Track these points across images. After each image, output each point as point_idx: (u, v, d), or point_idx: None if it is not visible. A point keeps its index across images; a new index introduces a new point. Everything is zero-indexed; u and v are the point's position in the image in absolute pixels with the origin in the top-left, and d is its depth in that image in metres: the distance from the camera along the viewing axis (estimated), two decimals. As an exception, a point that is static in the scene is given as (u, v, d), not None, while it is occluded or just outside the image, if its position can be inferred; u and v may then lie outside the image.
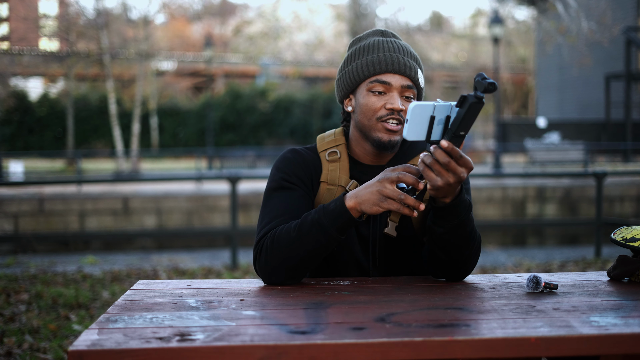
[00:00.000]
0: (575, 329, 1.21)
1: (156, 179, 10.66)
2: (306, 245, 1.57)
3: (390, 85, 1.70)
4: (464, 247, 1.60)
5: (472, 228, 1.60)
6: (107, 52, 21.31)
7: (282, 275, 1.61)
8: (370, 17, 23.01)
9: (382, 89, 1.70)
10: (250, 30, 30.50)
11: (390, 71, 1.71)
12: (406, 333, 1.19)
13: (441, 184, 1.45)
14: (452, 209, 1.53)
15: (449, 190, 1.48)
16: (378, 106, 1.70)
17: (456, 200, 1.53)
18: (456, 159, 1.43)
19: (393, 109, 1.68)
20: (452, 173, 1.44)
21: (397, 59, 1.72)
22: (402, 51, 1.74)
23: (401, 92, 1.71)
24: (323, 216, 1.56)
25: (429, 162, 1.44)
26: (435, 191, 1.48)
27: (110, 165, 23.22)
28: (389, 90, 1.70)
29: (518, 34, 33.20)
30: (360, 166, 1.78)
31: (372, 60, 1.72)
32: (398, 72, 1.71)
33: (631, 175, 12.59)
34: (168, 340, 1.15)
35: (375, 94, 1.71)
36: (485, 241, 9.34)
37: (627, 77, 20.08)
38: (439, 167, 1.44)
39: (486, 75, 1.36)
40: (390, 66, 1.71)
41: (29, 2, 25.85)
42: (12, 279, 5.98)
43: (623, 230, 1.73)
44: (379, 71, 1.71)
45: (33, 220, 10.35)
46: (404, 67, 1.71)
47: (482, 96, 1.36)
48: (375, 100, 1.70)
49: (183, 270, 6.76)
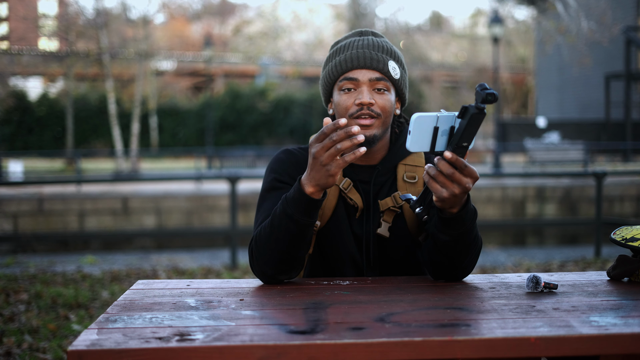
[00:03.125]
0: (575, 329, 1.21)
1: (156, 179, 10.67)
2: (282, 238, 1.57)
3: (358, 80, 1.70)
4: (467, 252, 1.60)
5: (476, 234, 1.60)
6: (106, 51, 21.31)
7: (272, 271, 1.61)
8: (370, 16, 23.02)
9: (351, 85, 1.71)
10: (249, 30, 30.53)
11: (356, 67, 1.71)
12: (406, 333, 1.18)
13: (447, 195, 1.44)
14: (459, 219, 1.53)
15: (454, 201, 1.47)
16: (349, 103, 1.70)
17: (463, 210, 1.52)
18: (460, 169, 1.42)
19: (362, 103, 1.67)
20: (457, 184, 1.43)
21: (362, 54, 1.72)
22: (372, 46, 1.74)
23: (371, 86, 1.70)
24: (287, 206, 1.55)
25: (433, 173, 1.44)
26: (442, 202, 1.47)
27: (110, 165, 23.22)
28: (358, 85, 1.70)
29: (518, 34, 33.22)
30: (352, 167, 1.78)
31: (339, 60, 1.73)
32: (364, 67, 1.70)
33: (631, 175, 12.60)
34: (167, 340, 1.15)
35: (345, 91, 1.71)
36: (485, 241, 9.33)
37: (627, 77, 20.08)
38: (443, 178, 1.43)
39: (487, 86, 1.36)
40: (356, 62, 1.71)
41: (29, 2, 25.85)
42: (11, 279, 5.98)
43: (623, 230, 1.73)
44: (345, 69, 1.72)
45: (32, 220, 10.35)
46: (370, 61, 1.71)
47: (483, 107, 1.36)
48: (345, 98, 1.71)
49: (182, 270, 6.76)
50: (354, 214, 1.76)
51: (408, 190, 1.75)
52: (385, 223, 1.73)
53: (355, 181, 1.76)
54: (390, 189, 1.77)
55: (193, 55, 33.52)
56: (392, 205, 1.73)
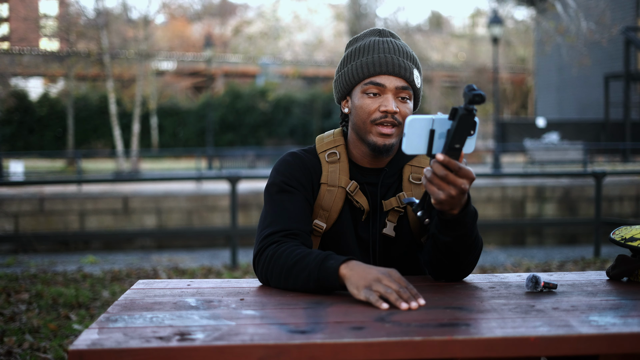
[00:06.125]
0: (574, 329, 1.21)
1: (156, 179, 10.66)
2: (295, 281, 1.53)
3: (385, 87, 1.69)
4: (468, 253, 1.60)
5: (477, 235, 1.60)
6: (107, 52, 21.32)
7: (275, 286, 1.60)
8: (370, 17, 23.00)
9: (376, 90, 1.69)
10: (250, 30, 30.50)
11: (384, 73, 1.69)
12: (406, 332, 1.19)
13: (443, 197, 1.43)
14: (460, 220, 1.53)
15: (453, 202, 1.46)
16: (372, 108, 1.69)
17: (464, 212, 1.52)
18: (455, 171, 1.41)
19: (387, 111, 1.67)
20: (452, 185, 1.42)
21: (391, 60, 1.70)
22: (397, 52, 1.72)
23: (396, 94, 1.69)
24: (316, 268, 1.50)
25: (429, 176, 1.44)
26: (440, 205, 1.47)
27: (110, 165, 23.22)
28: (384, 92, 1.69)
29: (517, 34, 33.21)
30: (359, 169, 1.78)
31: (366, 62, 1.71)
32: (392, 74, 1.69)
33: (630, 175, 12.60)
34: (168, 340, 1.16)
35: (370, 95, 1.70)
36: (484, 241, 9.34)
37: (626, 77, 20.08)
38: (438, 180, 1.42)
39: (475, 87, 1.36)
40: (385, 68, 1.69)
41: (29, 2, 25.86)
42: (12, 279, 5.98)
43: (622, 230, 1.73)
44: (372, 73, 1.70)
45: (33, 220, 10.36)
46: (398, 68, 1.70)
47: (472, 108, 1.36)
48: (369, 102, 1.69)
49: (183, 269, 6.76)
50: (360, 217, 1.75)
51: (413, 191, 1.75)
52: (391, 223, 1.74)
53: (362, 184, 1.76)
54: (396, 191, 1.77)
55: (193, 56, 33.52)
56: (396, 206, 1.74)
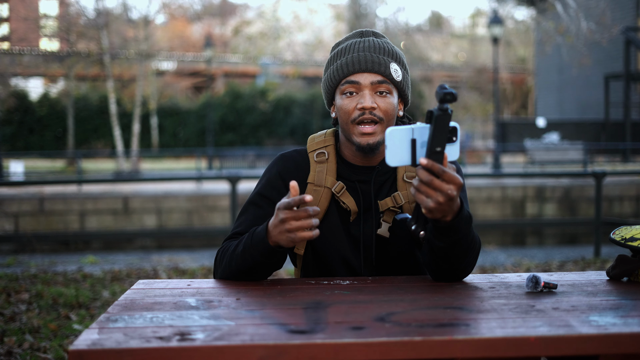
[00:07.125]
0: (574, 329, 1.21)
1: (156, 179, 10.67)
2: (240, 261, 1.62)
3: (359, 84, 1.69)
4: (465, 255, 1.59)
5: (473, 237, 1.59)
6: (107, 52, 21.32)
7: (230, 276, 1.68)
8: (370, 17, 23.00)
9: (352, 89, 1.70)
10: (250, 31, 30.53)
11: (357, 71, 1.70)
12: (406, 332, 1.19)
13: (432, 205, 1.41)
14: (453, 227, 1.51)
15: (443, 210, 1.44)
16: (351, 108, 1.69)
17: (457, 218, 1.50)
18: (439, 175, 1.39)
19: (364, 107, 1.67)
20: (439, 192, 1.40)
21: (364, 57, 1.70)
22: (373, 49, 1.72)
23: (373, 89, 1.69)
24: (251, 242, 1.60)
25: (416, 184, 1.42)
26: (431, 213, 1.45)
27: (111, 165, 23.22)
28: (359, 89, 1.69)
29: (517, 34, 33.23)
30: (352, 167, 1.78)
31: (341, 63, 1.72)
32: (366, 70, 1.69)
33: (630, 175, 12.60)
34: (168, 340, 1.16)
35: (348, 95, 1.70)
36: (484, 241, 9.33)
37: (626, 77, 20.08)
38: (425, 187, 1.41)
39: (446, 86, 1.36)
40: (357, 65, 1.70)
41: (30, 2, 25.87)
42: (12, 279, 5.98)
43: (622, 230, 1.73)
44: (347, 73, 1.70)
45: (33, 220, 10.36)
46: (372, 64, 1.69)
47: (447, 107, 1.35)
48: (347, 102, 1.70)
49: (183, 270, 6.76)
50: (349, 217, 1.75)
51: (407, 189, 1.75)
52: (386, 223, 1.73)
53: (354, 182, 1.76)
54: (390, 189, 1.76)
55: (193, 56, 33.53)
56: (392, 206, 1.73)
